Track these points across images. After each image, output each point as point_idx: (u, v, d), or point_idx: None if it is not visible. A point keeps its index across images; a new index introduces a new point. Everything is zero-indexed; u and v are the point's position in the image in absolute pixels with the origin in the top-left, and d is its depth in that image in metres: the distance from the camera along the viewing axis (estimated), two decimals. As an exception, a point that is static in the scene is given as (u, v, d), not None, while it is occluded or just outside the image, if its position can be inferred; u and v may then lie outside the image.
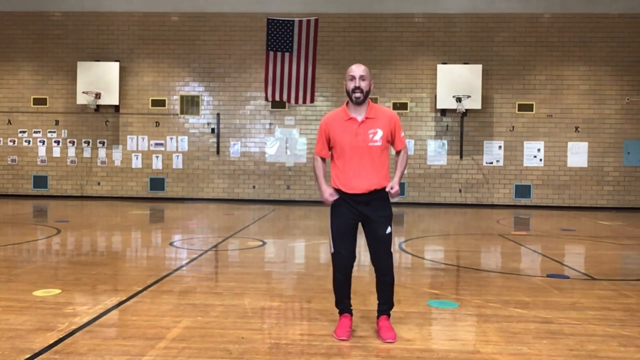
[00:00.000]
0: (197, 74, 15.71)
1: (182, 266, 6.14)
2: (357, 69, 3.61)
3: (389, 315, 3.75)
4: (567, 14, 15.14)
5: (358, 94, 3.57)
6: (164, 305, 4.36)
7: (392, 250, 3.72)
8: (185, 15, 15.64)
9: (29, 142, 15.92)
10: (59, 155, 15.89)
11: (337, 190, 3.66)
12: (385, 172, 3.66)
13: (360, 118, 3.62)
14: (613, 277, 5.79)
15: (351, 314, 3.77)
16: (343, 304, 3.76)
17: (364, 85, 3.58)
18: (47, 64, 15.86)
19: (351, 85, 3.59)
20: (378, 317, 3.75)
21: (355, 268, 3.81)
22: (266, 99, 14.40)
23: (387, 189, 3.60)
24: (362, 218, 3.67)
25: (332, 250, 3.70)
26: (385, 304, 3.74)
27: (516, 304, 4.58)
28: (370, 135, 3.59)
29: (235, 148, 15.65)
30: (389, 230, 3.65)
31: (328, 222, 3.76)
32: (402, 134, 3.73)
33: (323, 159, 3.82)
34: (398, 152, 3.77)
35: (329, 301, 4.57)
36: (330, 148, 3.73)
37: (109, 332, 3.70)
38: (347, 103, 3.69)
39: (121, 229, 9.27)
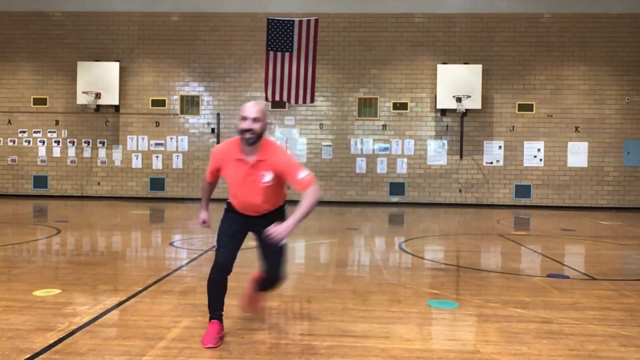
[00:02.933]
0: (197, 74, 15.71)
1: (182, 266, 6.14)
2: (251, 109, 3.44)
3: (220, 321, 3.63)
4: (567, 14, 15.14)
5: (249, 136, 3.41)
6: (164, 305, 4.36)
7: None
8: (185, 15, 15.64)
9: (29, 142, 15.92)
10: (59, 155, 15.89)
11: (229, 205, 3.73)
12: (277, 202, 3.69)
13: (251, 159, 3.49)
14: (613, 277, 5.79)
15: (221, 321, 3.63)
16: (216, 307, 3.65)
17: (256, 127, 3.41)
18: (47, 64, 15.86)
19: (243, 125, 3.42)
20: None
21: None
22: (266, 99, 14.40)
23: (266, 232, 3.39)
24: (253, 229, 3.70)
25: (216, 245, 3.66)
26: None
27: (516, 304, 4.58)
28: (261, 177, 3.51)
29: (235, 148, 15.63)
30: (281, 242, 3.54)
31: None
32: (300, 175, 3.44)
33: (211, 181, 3.86)
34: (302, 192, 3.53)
35: (329, 301, 4.58)
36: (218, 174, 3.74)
37: (109, 332, 3.70)
38: (241, 139, 3.50)
39: (121, 229, 9.27)
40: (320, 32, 14.37)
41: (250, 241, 3.80)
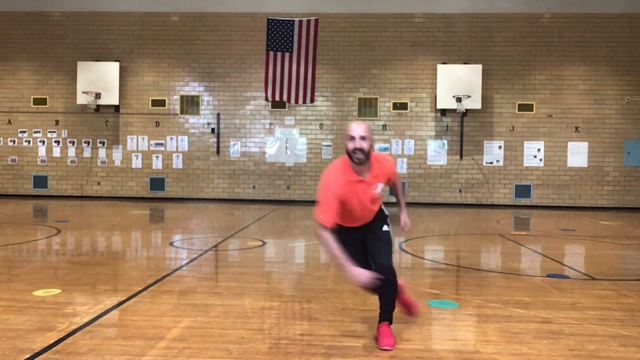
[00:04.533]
0: (197, 74, 15.71)
1: (182, 266, 6.14)
2: (358, 128, 3.41)
3: (390, 321, 3.62)
4: (567, 14, 15.14)
5: (359, 155, 3.39)
6: (164, 305, 4.36)
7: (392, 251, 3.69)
8: (185, 15, 15.64)
9: (29, 142, 15.92)
10: (59, 155, 15.89)
11: (341, 227, 3.58)
12: (379, 206, 3.75)
13: (367, 177, 3.52)
14: (613, 277, 5.79)
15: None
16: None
17: (365, 145, 3.38)
18: (47, 64, 15.86)
19: (351, 145, 3.39)
20: (380, 322, 3.62)
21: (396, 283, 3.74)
22: (266, 99, 14.41)
23: (402, 227, 3.89)
24: (365, 235, 3.71)
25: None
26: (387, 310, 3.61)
27: (516, 304, 4.58)
28: (374, 189, 3.57)
29: (235, 148, 15.65)
30: (386, 228, 3.68)
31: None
32: (397, 171, 3.84)
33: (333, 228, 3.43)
34: (394, 183, 3.84)
35: (329, 301, 4.58)
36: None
37: (109, 332, 3.70)
38: (349, 160, 3.46)
39: (121, 229, 9.27)
40: (320, 32, 14.37)
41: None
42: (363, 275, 3.27)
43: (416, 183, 15.42)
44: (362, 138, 3.36)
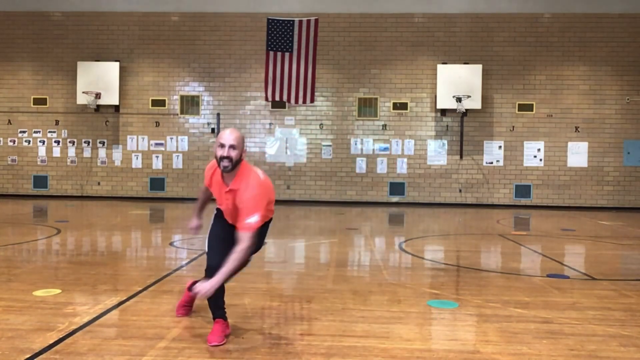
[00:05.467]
0: (197, 74, 15.71)
1: (182, 266, 6.14)
2: (229, 137, 3.42)
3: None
4: (567, 14, 15.14)
5: (226, 163, 3.41)
6: (164, 305, 4.36)
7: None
8: (185, 15, 15.64)
9: (29, 142, 15.92)
10: (59, 155, 15.89)
11: (218, 209, 3.81)
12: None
13: (227, 186, 3.55)
14: (613, 277, 5.79)
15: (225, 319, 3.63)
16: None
17: (233, 154, 3.40)
18: (47, 64, 15.86)
19: (219, 153, 3.42)
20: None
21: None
22: (266, 99, 14.41)
23: (194, 289, 3.37)
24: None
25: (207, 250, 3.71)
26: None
27: (516, 304, 4.58)
28: (232, 203, 3.55)
29: (235, 148, 15.62)
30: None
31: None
32: (251, 219, 3.37)
33: (206, 190, 3.92)
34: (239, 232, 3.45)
35: (329, 301, 4.58)
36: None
37: (109, 332, 3.70)
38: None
39: (121, 229, 9.27)
40: (320, 32, 14.37)
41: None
42: (191, 224, 4.22)
43: (416, 183, 15.42)
44: (232, 147, 3.40)
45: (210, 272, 3.51)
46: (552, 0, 15.11)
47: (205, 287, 3.25)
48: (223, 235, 3.67)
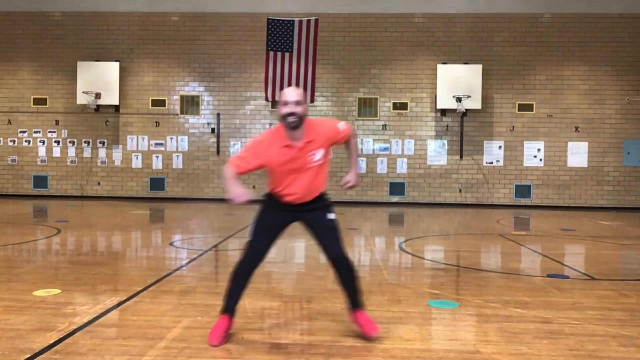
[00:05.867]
0: (197, 74, 15.71)
1: (182, 266, 6.14)
2: (292, 93, 3.44)
3: (362, 307, 3.67)
4: (567, 14, 15.14)
5: (292, 119, 3.39)
6: (164, 305, 4.36)
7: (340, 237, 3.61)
8: (185, 15, 15.65)
9: (29, 142, 15.92)
10: (59, 155, 15.90)
11: (269, 197, 3.64)
12: (323, 182, 3.63)
13: (299, 143, 3.46)
14: (613, 277, 5.79)
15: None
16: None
17: (299, 110, 3.39)
18: (47, 64, 15.86)
19: (285, 110, 3.40)
20: (353, 311, 3.67)
21: (355, 268, 3.80)
22: (266, 99, 14.41)
23: (343, 184, 3.77)
24: (301, 217, 3.63)
25: (250, 238, 3.60)
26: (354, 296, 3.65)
27: (516, 304, 4.58)
28: (310, 157, 3.50)
29: (235, 148, 15.65)
30: (331, 216, 3.59)
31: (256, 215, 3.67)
32: (341, 126, 3.67)
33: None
34: (347, 142, 3.75)
35: (329, 301, 4.58)
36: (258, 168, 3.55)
37: (109, 332, 3.70)
38: (283, 125, 3.47)
39: (121, 229, 9.27)
40: (320, 32, 14.38)
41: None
42: (238, 195, 3.39)
43: (416, 183, 15.42)
44: (297, 103, 3.40)
45: (249, 262, 3.54)
46: (552, 0, 15.11)
47: (353, 177, 3.77)
48: (272, 224, 3.61)
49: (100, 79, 15.23)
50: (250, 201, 3.37)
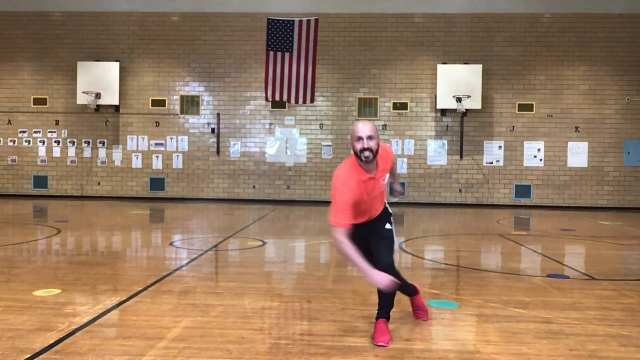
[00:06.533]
0: (197, 74, 15.71)
1: (182, 266, 6.14)
2: (364, 128, 3.47)
3: (387, 319, 3.68)
4: (567, 14, 15.14)
5: (367, 154, 3.45)
6: (164, 305, 4.36)
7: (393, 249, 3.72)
8: (185, 15, 15.64)
9: (29, 142, 15.92)
10: (59, 155, 15.89)
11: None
12: (385, 196, 3.83)
13: (377, 174, 3.61)
14: (613, 277, 5.79)
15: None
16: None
17: (372, 144, 3.45)
18: (47, 64, 15.86)
19: (359, 146, 3.46)
20: (377, 318, 3.70)
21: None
22: (266, 99, 14.41)
23: (394, 193, 4.16)
24: (371, 233, 3.72)
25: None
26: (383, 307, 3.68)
27: (516, 304, 4.58)
28: (383, 181, 3.69)
29: (235, 148, 15.65)
30: (388, 226, 3.73)
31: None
32: (390, 149, 3.92)
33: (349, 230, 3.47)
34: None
35: (329, 301, 4.58)
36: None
37: (109, 332, 3.70)
38: (357, 160, 3.53)
39: (121, 229, 9.27)
40: (320, 32, 14.37)
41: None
42: (383, 279, 3.30)
43: (416, 183, 15.42)
44: (370, 137, 3.45)
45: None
46: (552, 0, 15.11)
47: (400, 187, 4.19)
48: (360, 243, 3.58)
49: (100, 79, 15.22)
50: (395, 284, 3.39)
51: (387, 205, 3.83)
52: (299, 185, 15.55)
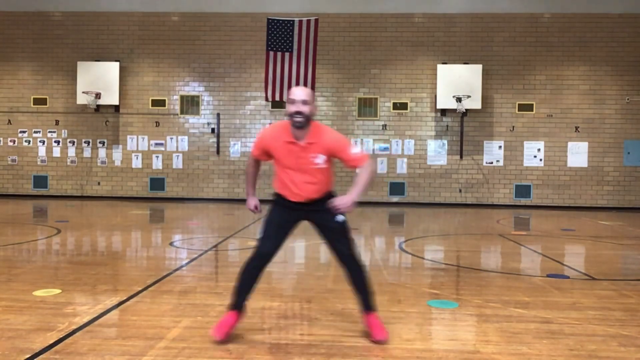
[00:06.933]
0: (197, 74, 15.71)
1: (182, 266, 6.14)
2: (300, 92, 3.48)
3: (374, 310, 3.68)
4: (567, 14, 15.14)
5: (298, 119, 3.43)
6: (164, 305, 4.36)
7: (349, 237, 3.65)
8: (185, 15, 15.64)
9: (29, 142, 15.92)
10: (59, 155, 15.89)
11: (278, 195, 3.71)
12: (328, 184, 3.66)
13: (302, 142, 3.51)
14: (613, 277, 5.79)
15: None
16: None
17: (305, 109, 3.43)
18: (47, 64, 15.86)
19: (292, 108, 3.44)
20: (365, 313, 3.70)
21: (365, 269, 3.79)
22: (266, 99, 14.41)
23: (331, 203, 3.47)
24: (308, 217, 3.68)
25: (260, 236, 3.67)
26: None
27: (516, 304, 4.58)
28: (312, 159, 3.53)
29: (235, 148, 15.65)
30: (340, 218, 3.59)
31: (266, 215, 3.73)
32: (352, 152, 3.53)
33: (257, 161, 3.86)
34: (357, 168, 3.64)
35: (329, 301, 4.58)
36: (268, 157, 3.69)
37: (109, 332, 3.70)
38: (290, 123, 3.52)
39: (121, 229, 9.27)
40: (320, 32, 14.37)
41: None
42: (250, 204, 3.89)
43: (416, 183, 15.42)
44: (304, 102, 3.44)
45: (260, 258, 3.63)
46: (552, 0, 15.11)
47: (345, 200, 3.43)
48: (281, 222, 3.66)
49: (100, 79, 15.22)
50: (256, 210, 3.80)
51: (335, 195, 3.63)
52: (299, 185, 15.51)
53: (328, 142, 3.52)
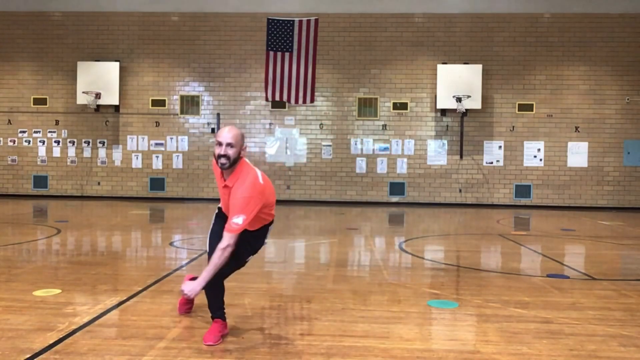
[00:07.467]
0: (197, 74, 15.71)
1: (182, 266, 6.14)
2: (226, 135, 3.47)
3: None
4: (567, 14, 15.14)
5: (223, 161, 3.46)
6: (164, 305, 4.36)
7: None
8: (185, 15, 15.64)
9: (29, 142, 15.92)
10: (59, 155, 15.89)
11: (221, 210, 3.85)
12: (257, 224, 3.69)
13: (225, 180, 3.57)
14: (613, 277, 5.79)
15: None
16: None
17: (230, 152, 3.44)
18: (47, 64, 15.86)
19: (217, 151, 3.48)
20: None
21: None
22: (266, 98, 14.40)
23: (181, 289, 3.51)
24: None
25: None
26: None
27: (516, 304, 4.58)
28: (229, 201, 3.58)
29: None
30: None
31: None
32: (233, 219, 3.39)
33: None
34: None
35: (329, 301, 4.58)
36: None
37: (109, 332, 3.70)
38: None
39: (121, 229, 9.27)
40: (320, 32, 14.37)
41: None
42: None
43: (416, 183, 15.42)
44: (229, 145, 3.45)
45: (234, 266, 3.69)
46: (552, 0, 15.11)
47: (191, 287, 3.40)
48: (222, 233, 3.67)
49: (100, 79, 15.22)
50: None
51: (268, 230, 3.78)
52: (299, 185, 15.55)
53: (234, 196, 3.46)
